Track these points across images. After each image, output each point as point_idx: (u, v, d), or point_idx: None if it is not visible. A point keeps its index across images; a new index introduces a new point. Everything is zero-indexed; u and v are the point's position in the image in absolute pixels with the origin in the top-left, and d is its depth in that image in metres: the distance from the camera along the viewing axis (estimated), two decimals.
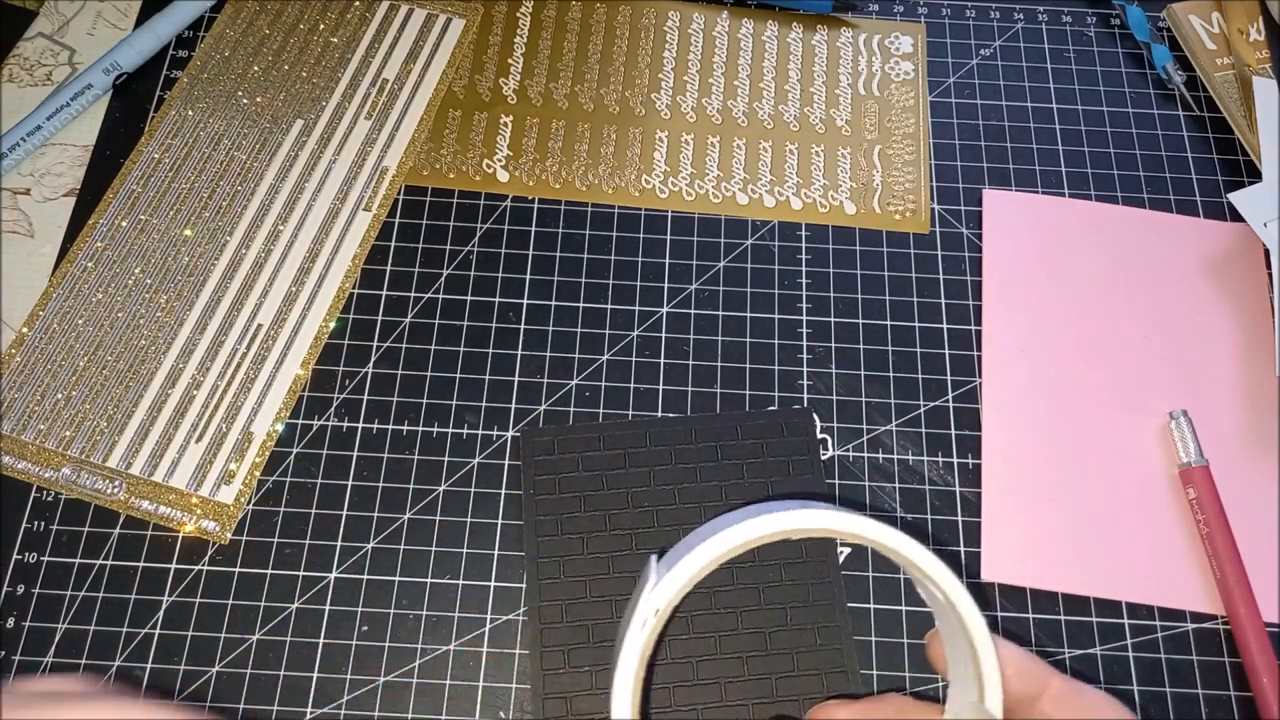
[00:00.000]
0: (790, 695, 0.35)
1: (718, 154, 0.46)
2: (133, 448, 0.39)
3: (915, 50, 0.49)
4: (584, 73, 0.48)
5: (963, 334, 0.42)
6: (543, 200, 0.45)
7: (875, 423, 0.41)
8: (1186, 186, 0.46)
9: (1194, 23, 0.49)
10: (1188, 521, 0.39)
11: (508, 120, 0.46)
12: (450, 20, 0.49)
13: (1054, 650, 0.37)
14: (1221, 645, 0.37)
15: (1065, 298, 0.43)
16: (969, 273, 0.44)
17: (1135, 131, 0.47)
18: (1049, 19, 0.50)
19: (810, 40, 0.49)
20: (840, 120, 0.47)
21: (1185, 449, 0.39)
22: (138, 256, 0.43)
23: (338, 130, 0.46)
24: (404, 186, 0.45)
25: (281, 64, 0.47)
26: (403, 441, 0.40)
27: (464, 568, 0.38)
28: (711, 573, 0.37)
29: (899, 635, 0.37)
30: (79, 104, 0.45)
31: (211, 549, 0.38)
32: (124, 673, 0.36)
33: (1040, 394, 0.41)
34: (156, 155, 0.45)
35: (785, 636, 0.36)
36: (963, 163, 0.46)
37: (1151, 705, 0.36)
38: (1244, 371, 0.42)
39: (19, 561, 0.38)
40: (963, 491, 0.40)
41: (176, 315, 0.42)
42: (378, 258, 0.43)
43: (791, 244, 0.44)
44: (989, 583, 0.38)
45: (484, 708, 0.36)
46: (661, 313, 0.43)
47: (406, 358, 0.41)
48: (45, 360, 0.41)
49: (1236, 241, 0.44)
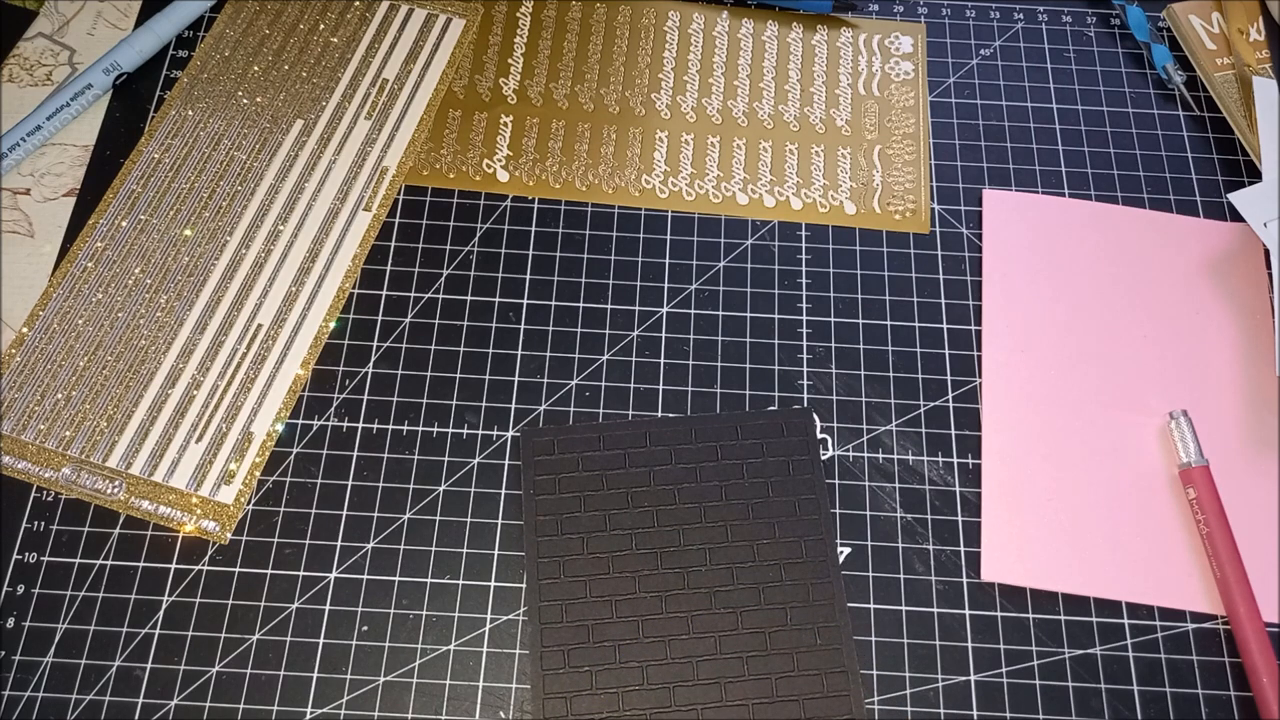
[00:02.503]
0: (790, 695, 0.35)
1: (718, 154, 0.46)
2: (133, 448, 0.39)
3: (915, 50, 0.49)
4: (584, 73, 0.48)
5: (963, 334, 0.42)
6: (543, 200, 0.45)
7: (875, 423, 0.41)
8: (1186, 186, 0.46)
9: (1194, 23, 0.49)
10: (1188, 521, 0.39)
11: (508, 120, 0.46)
12: (450, 20, 0.49)
13: (1054, 650, 0.37)
14: (1221, 645, 0.37)
15: (1065, 298, 0.43)
16: (969, 273, 0.44)
17: (1135, 131, 0.47)
18: (1049, 19, 0.50)
19: (810, 40, 0.49)
20: (840, 120, 0.47)
21: (1185, 449, 0.39)
22: (138, 256, 0.43)
23: (338, 130, 0.46)
24: (404, 186, 0.45)
25: (281, 64, 0.47)
26: (403, 441, 0.40)
27: (464, 568, 0.38)
28: (712, 572, 0.37)
29: (899, 635, 0.37)
30: (79, 104, 0.45)
31: (211, 549, 0.38)
32: (124, 673, 0.36)
33: (1040, 394, 0.41)
34: (156, 155, 0.45)
35: (785, 636, 0.36)
36: (963, 163, 0.46)
37: (1152, 705, 0.36)
38: (1244, 371, 0.42)
39: (19, 561, 0.38)
40: (963, 491, 0.40)
41: (176, 315, 0.42)
42: (378, 258, 0.43)
43: (791, 244, 0.44)
44: (989, 583, 0.38)
45: (484, 708, 0.36)
46: (661, 313, 0.43)
47: (406, 358, 0.41)
48: (45, 360, 0.41)
49: (1236, 241, 0.44)
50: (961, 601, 0.38)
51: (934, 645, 0.37)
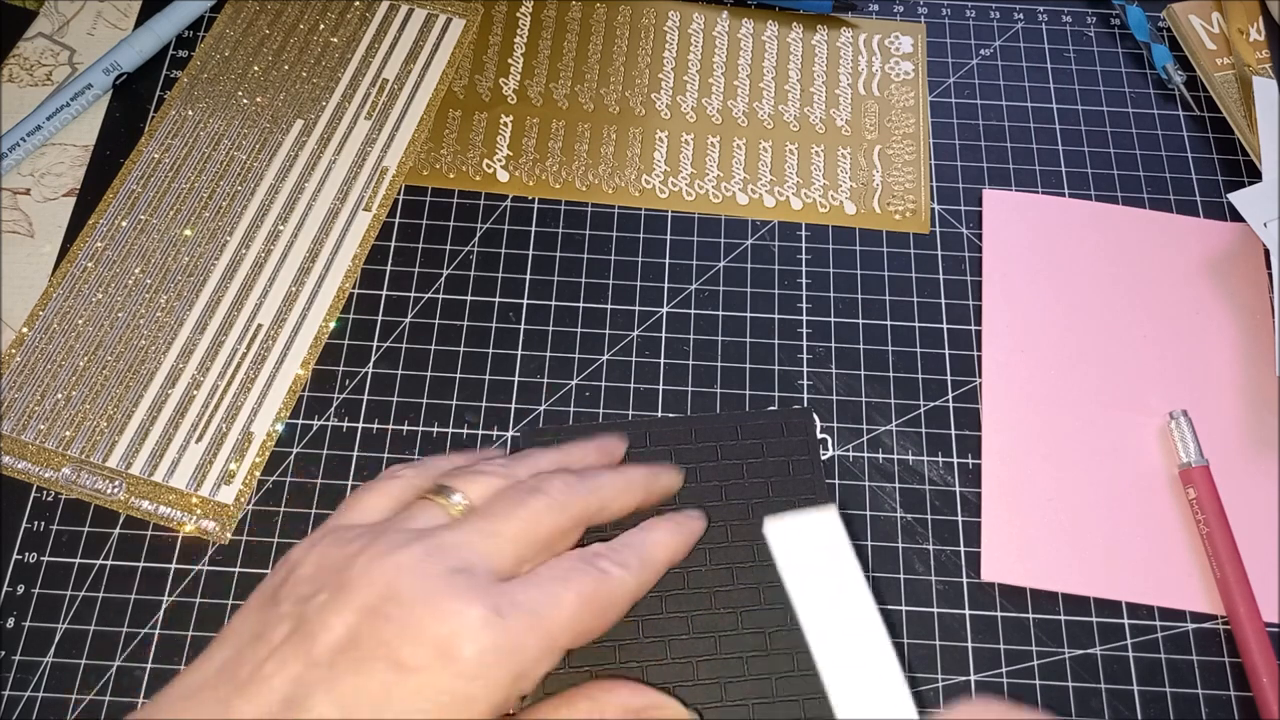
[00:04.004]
0: (790, 695, 0.35)
1: (718, 154, 0.46)
2: (133, 448, 0.39)
3: (915, 50, 0.49)
4: (584, 73, 0.48)
5: (963, 334, 0.42)
6: (543, 200, 0.45)
7: (875, 423, 0.41)
8: (1186, 186, 0.46)
9: (1194, 23, 0.49)
10: (1188, 521, 0.39)
11: (508, 120, 0.46)
12: (450, 20, 0.49)
13: (1054, 650, 0.37)
14: (1221, 645, 0.37)
15: (1065, 298, 0.43)
16: (969, 273, 0.44)
17: (1135, 131, 0.47)
18: (1049, 19, 0.50)
19: (810, 40, 0.49)
20: (840, 120, 0.47)
21: (1185, 449, 0.39)
22: (138, 256, 0.43)
23: (338, 130, 0.46)
24: (404, 186, 0.45)
25: (281, 64, 0.47)
26: (403, 441, 0.40)
27: None
28: (712, 572, 0.37)
29: (899, 635, 0.37)
30: (79, 104, 0.45)
31: (211, 549, 0.38)
32: (124, 672, 0.36)
33: (1040, 394, 0.41)
34: (156, 155, 0.45)
35: (785, 636, 0.36)
36: (963, 163, 0.46)
37: (1152, 705, 0.36)
38: (1244, 371, 0.42)
39: (19, 561, 0.38)
40: (963, 491, 0.40)
41: (176, 315, 0.42)
42: (378, 258, 0.43)
43: (791, 244, 0.44)
44: (989, 583, 0.38)
45: None
46: (661, 313, 0.43)
47: (406, 358, 0.41)
48: (45, 360, 0.41)
49: (1236, 241, 0.44)
50: (961, 601, 0.38)
51: (934, 645, 0.37)
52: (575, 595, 0.27)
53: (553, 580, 0.27)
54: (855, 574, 0.25)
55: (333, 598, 0.26)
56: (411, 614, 0.25)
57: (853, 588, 0.25)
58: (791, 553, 0.25)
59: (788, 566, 0.26)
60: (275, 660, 0.25)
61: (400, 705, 0.25)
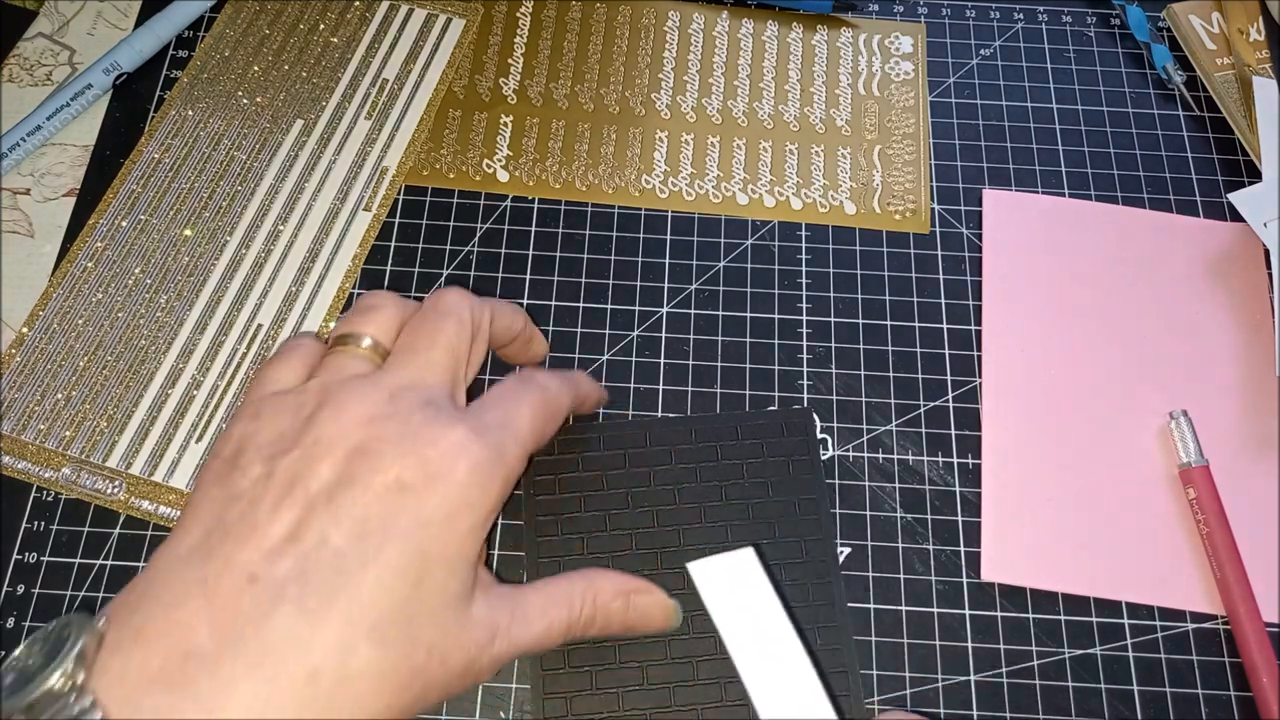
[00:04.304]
0: None
1: (718, 154, 0.46)
2: (133, 448, 0.39)
3: (915, 50, 0.49)
4: (584, 73, 0.48)
5: (963, 334, 0.42)
6: (543, 200, 0.45)
7: (875, 423, 0.41)
8: (1186, 186, 0.46)
9: (1194, 23, 0.49)
10: (1188, 521, 0.39)
11: (508, 120, 0.46)
12: (450, 20, 0.49)
13: (1054, 650, 0.37)
14: (1221, 645, 0.37)
15: (1065, 298, 0.43)
16: (969, 273, 0.44)
17: (1135, 131, 0.47)
18: (1049, 19, 0.50)
19: (810, 40, 0.49)
20: (840, 120, 0.47)
21: (1185, 449, 0.39)
22: (138, 256, 0.43)
23: (338, 130, 0.46)
24: (404, 186, 0.45)
25: (281, 64, 0.47)
26: None
27: None
28: None
29: (899, 635, 0.37)
30: (79, 104, 0.45)
31: None
32: None
33: (1040, 394, 0.41)
34: (156, 155, 0.45)
35: None
36: (963, 163, 0.46)
37: (1151, 705, 0.36)
38: (1244, 371, 0.42)
39: (19, 561, 0.38)
40: (963, 491, 0.40)
41: (176, 315, 0.42)
42: (378, 258, 0.43)
43: (791, 244, 0.44)
44: (989, 583, 0.38)
45: (484, 708, 0.36)
46: (661, 313, 0.43)
47: None
48: (45, 360, 0.41)
49: (1236, 241, 0.44)
50: (961, 601, 0.38)
51: (934, 645, 0.37)
52: (529, 408, 0.31)
53: (505, 400, 0.31)
54: (775, 605, 0.28)
55: (307, 452, 0.27)
56: (400, 447, 0.27)
57: (773, 617, 0.28)
58: (716, 590, 0.28)
59: (713, 603, 0.28)
60: (266, 510, 0.26)
61: (408, 518, 0.26)
